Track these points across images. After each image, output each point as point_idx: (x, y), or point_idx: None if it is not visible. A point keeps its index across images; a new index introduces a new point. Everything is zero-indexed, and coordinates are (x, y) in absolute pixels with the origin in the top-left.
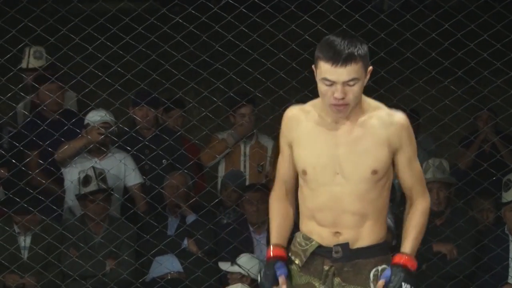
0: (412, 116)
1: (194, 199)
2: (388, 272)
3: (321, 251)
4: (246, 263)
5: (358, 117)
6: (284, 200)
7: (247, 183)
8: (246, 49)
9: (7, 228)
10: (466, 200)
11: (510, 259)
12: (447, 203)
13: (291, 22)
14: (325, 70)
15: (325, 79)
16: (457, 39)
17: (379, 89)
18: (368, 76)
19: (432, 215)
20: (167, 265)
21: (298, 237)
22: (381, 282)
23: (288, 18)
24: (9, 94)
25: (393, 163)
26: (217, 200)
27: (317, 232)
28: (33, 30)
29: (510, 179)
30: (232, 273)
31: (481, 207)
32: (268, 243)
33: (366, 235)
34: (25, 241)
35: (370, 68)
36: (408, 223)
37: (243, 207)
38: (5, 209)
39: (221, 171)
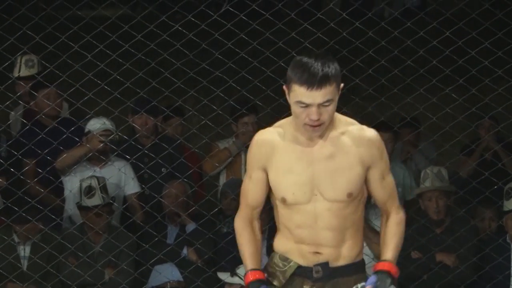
0: (413, 124)
1: (194, 208)
2: (373, 278)
3: (300, 272)
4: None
5: (330, 132)
6: (252, 226)
7: None
8: (246, 56)
9: (6, 238)
10: (468, 209)
11: None
12: (446, 211)
13: (291, 30)
14: (300, 93)
15: (300, 102)
16: (458, 46)
17: (380, 97)
18: (340, 92)
19: (432, 224)
20: (166, 274)
21: (275, 258)
22: None
23: (288, 26)
24: (8, 102)
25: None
26: (217, 209)
27: (297, 250)
28: (31, 37)
29: None
30: (231, 284)
31: (482, 216)
32: (267, 252)
33: (345, 253)
34: (24, 250)
35: (342, 85)
36: (387, 233)
37: None
38: (4, 219)
39: (222, 180)
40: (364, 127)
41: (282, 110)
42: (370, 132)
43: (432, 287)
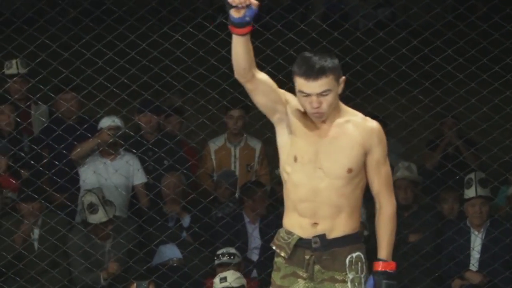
0: (384, 122)
1: (192, 195)
2: (371, 280)
3: (302, 243)
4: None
5: (336, 119)
6: None
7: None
8: None
9: (13, 228)
10: (433, 196)
11: (471, 248)
12: (414, 198)
13: (278, 39)
14: (300, 84)
15: (301, 91)
16: (425, 53)
17: (356, 98)
18: (342, 85)
19: (401, 208)
20: (169, 253)
21: (281, 232)
22: None
23: (275, 36)
24: (28, 103)
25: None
26: (212, 197)
27: (298, 223)
28: (49, 45)
29: (471, 178)
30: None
31: (446, 199)
32: (260, 236)
33: (341, 226)
34: (33, 233)
35: (343, 77)
36: (382, 228)
37: (242, 201)
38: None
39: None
40: (368, 118)
41: None
42: (372, 122)
43: (401, 265)
